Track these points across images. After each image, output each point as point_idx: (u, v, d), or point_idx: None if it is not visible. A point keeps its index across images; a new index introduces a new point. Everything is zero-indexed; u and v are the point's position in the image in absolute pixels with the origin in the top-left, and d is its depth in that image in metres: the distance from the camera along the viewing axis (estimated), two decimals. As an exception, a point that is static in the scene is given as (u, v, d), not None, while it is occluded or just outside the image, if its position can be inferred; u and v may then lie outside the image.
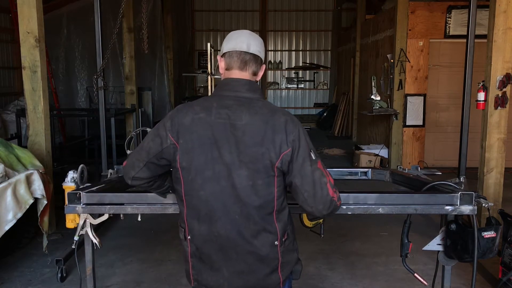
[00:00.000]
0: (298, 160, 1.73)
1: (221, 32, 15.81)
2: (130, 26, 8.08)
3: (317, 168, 1.75)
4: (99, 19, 3.87)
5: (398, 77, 7.84)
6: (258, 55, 1.87)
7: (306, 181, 1.73)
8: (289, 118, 1.79)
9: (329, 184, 1.76)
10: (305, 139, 1.77)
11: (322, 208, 1.75)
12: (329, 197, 1.74)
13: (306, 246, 4.71)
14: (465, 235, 2.56)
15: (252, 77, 1.87)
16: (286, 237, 1.85)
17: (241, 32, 1.91)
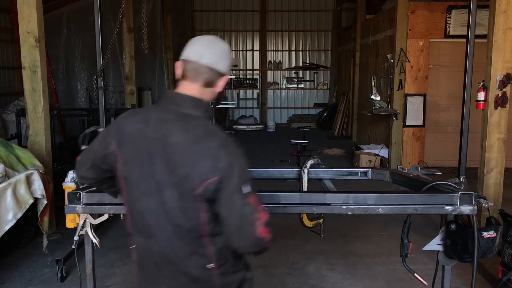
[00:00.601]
0: (227, 190, 1.60)
1: (221, 32, 15.80)
2: (130, 26, 8.08)
3: (248, 203, 1.60)
4: (99, 19, 3.86)
5: (398, 77, 7.84)
6: (211, 67, 1.71)
7: (233, 215, 1.60)
8: (225, 144, 1.64)
9: (262, 222, 1.61)
10: (239, 169, 1.62)
11: (248, 246, 1.63)
12: (256, 236, 1.60)
13: (306, 246, 4.72)
14: (465, 235, 2.56)
15: (204, 89, 1.73)
16: (224, 261, 1.73)
17: (202, 39, 1.78)
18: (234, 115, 15.81)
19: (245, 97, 16.10)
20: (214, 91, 1.78)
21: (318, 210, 2.63)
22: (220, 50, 1.76)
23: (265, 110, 15.88)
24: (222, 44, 1.78)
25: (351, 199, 2.47)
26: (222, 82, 1.78)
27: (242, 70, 16.07)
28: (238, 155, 1.66)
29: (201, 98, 1.73)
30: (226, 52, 1.78)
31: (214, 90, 1.78)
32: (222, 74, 1.76)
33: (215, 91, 1.78)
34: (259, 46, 15.88)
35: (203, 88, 1.73)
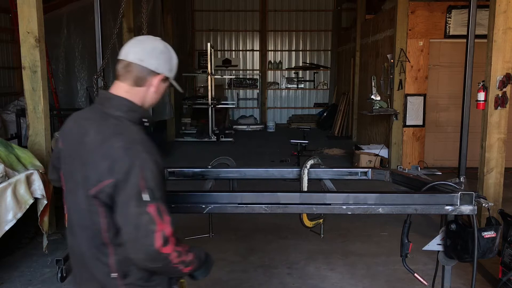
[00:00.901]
0: (123, 196, 1.50)
1: (221, 32, 15.81)
2: (130, 26, 8.08)
3: (146, 213, 1.49)
4: (99, 19, 3.87)
5: (398, 77, 7.84)
6: (137, 64, 1.65)
7: (127, 223, 1.50)
8: (129, 146, 1.54)
9: (161, 235, 1.49)
10: (140, 174, 1.50)
11: (144, 259, 1.51)
12: (154, 249, 1.49)
13: (306, 246, 4.72)
14: (465, 235, 2.56)
15: (134, 89, 1.67)
16: (127, 273, 1.62)
17: (136, 38, 1.75)
18: (234, 115, 15.80)
19: (245, 97, 16.10)
20: (148, 91, 1.70)
21: (318, 210, 2.63)
22: (150, 47, 1.70)
23: (265, 110, 15.88)
24: (155, 42, 1.72)
25: (351, 199, 2.47)
26: (157, 81, 1.70)
27: (242, 70, 16.07)
28: (143, 159, 1.54)
29: (126, 98, 1.67)
30: (158, 49, 1.70)
31: (148, 90, 1.70)
32: (153, 72, 1.68)
33: (149, 91, 1.71)
34: (259, 46, 15.88)
35: (133, 87, 1.68)
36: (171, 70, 1.75)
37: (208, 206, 2.46)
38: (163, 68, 1.71)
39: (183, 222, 5.21)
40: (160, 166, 1.60)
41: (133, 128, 1.62)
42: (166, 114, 10.83)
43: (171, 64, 1.75)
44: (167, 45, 1.76)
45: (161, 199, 1.54)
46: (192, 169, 3.37)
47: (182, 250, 1.59)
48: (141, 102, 1.71)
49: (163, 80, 1.73)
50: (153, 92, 1.72)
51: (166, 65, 1.72)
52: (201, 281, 1.87)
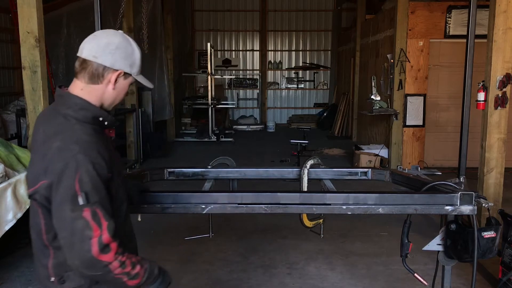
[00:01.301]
0: (57, 199, 1.46)
1: (221, 32, 15.81)
2: (130, 26, 8.08)
3: (81, 217, 1.43)
4: (99, 19, 3.86)
5: (398, 77, 7.84)
6: (90, 60, 1.59)
7: (63, 227, 1.45)
8: (65, 146, 1.48)
9: (97, 241, 1.43)
10: (74, 176, 1.44)
11: (80, 265, 1.45)
12: (90, 256, 1.43)
13: (306, 246, 4.72)
14: (465, 235, 2.56)
15: (89, 86, 1.61)
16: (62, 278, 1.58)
17: (94, 33, 1.70)
18: (234, 115, 15.80)
19: (245, 97, 16.10)
20: (105, 88, 1.63)
21: (318, 210, 2.63)
22: (104, 43, 1.61)
23: (265, 110, 15.88)
24: (110, 37, 1.63)
25: (351, 199, 2.47)
26: (114, 78, 1.62)
27: (242, 70, 16.07)
28: (79, 160, 1.46)
29: (80, 95, 1.60)
30: (113, 45, 1.61)
31: (106, 88, 1.63)
32: (109, 68, 1.61)
33: (107, 88, 1.63)
34: (259, 46, 15.88)
35: (88, 84, 1.61)
36: (132, 65, 1.66)
37: (208, 206, 2.46)
38: (120, 64, 1.62)
39: (183, 222, 5.22)
40: (100, 167, 1.51)
41: (77, 127, 1.54)
42: (166, 114, 10.83)
43: (131, 59, 1.65)
44: (127, 39, 1.66)
45: (98, 203, 1.47)
46: (192, 169, 3.37)
47: (127, 260, 1.51)
48: (98, 101, 1.63)
49: (123, 76, 1.65)
50: (111, 89, 1.64)
51: (124, 60, 1.63)
52: (201, 281, 1.86)
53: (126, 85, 1.71)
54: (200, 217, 2.83)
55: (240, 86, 15.98)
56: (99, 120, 1.62)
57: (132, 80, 1.71)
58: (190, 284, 3.94)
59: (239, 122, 14.95)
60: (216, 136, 11.59)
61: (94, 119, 1.60)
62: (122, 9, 4.15)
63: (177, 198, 2.47)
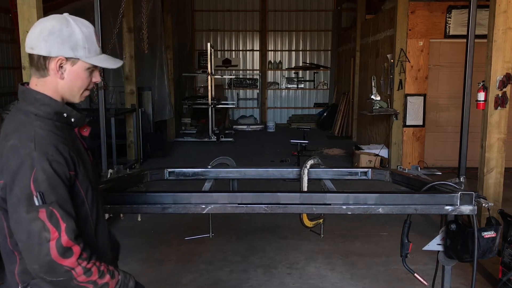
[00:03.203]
0: (12, 199, 1.37)
1: (221, 32, 15.81)
2: (130, 26, 8.08)
3: (37, 218, 1.34)
4: (99, 19, 3.87)
5: (398, 77, 7.84)
6: (29, 52, 1.49)
7: (19, 229, 1.37)
8: (20, 144, 1.39)
9: (56, 244, 1.34)
10: (30, 175, 1.35)
11: (39, 270, 1.36)
12: (50, 259, 1.34)
13: (306, 246, 4.72)
14: (465, 235, 2.56)
15: (41, 80, 1.51)
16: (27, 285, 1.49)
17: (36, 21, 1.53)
18: (234, 115, 15.80)
19: (245, 97, 16.10)
20: (55, 80, 1.51)
21: (318, 210, 2.63)
22: (37, 31, 1.48)
23: (265, 110, 15.88)
24: (43, 23, 1.49)
25: (351, 199, 2.47)
26: (55, 66, 1.48)
27: (242, 70, 16.07)
28: (34, 158, 1.37)
29: (39, 91, 1.50)
30: (45, 31, 1.47)
31: (56, 79, 1.51)
32: (47, 57, 1.47)
33: (57, 80, 1.51)
34: (259, 46, 15.88)
35: (39, 78, 1.51)
36: (75, 48, 1.49)
37: (208, 206, 2.46)
38: (58, 49, 1.47)
39: (183, 222, 5.22)
40: (58, 165, 1.40)
41: (36, 124, 1.45)
42: (166, 114, 10.83)
43: (71, 42, 1.48)
44: (64, 20, 1.51)
45: (55, 203, 1.37)
46: (192, 169, 3.37)
47: (93, 268, 1.42)
48: (56, 94, 1.52)
49: (69, 62, 1.50)
50: (61, 79, 1.51)
51: (61, 45, 1.47)
52: (201, 281, 1.86)
53: (79, 71, 1.53)
54: (200, 217, 2.83)
55: (240, 86, 15.98)
56: (63, 116, 1.52)
57: (85, 64, 1.53)
58: (190, 284, 3.94)
59: (239, 122, 14.95)
60: (216, 136, 11.59)
61: (56, 114, 1.50)
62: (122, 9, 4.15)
63: (177, 198, 2.47)
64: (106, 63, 1.60)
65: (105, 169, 3.67)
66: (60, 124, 1.51)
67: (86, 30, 1.53)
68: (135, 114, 8.11)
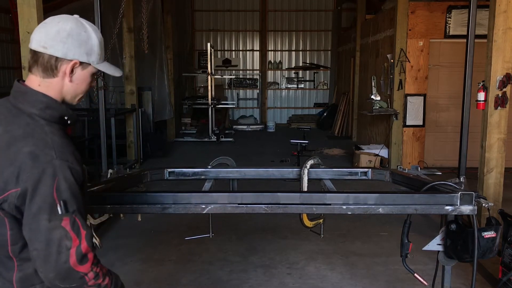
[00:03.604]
0: (32, 208, 1.34)
1: (221, 32, 15.80)
2: (130, 26, 8.08)
3: (60, 227, 1.34)
4: (99, 19, 3.87)
5: (398, 77, 7.84)
6: (40, 51, 1.43)
7: (37, 238, 1.35)
8: (39, 151, 1.35)
9: (75, 251, 1.36)
10: (51, 184, 1.33)
11: (55, 278, 1.36)
12: (68, 267, 1.35)
13: (306, 246, 4.72)
14: (465, 235, 2.56)
15: (46, 81, 1.46)
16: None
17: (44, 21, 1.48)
18: (234, 115, 15.80)
19: (245, 97, 16.10)
20: (63, 82, 1.48)
21: (318, 210, 2.63)
22: (54, 31, 1.43)
23: (265, 110, 15.88)
24: (60, 24, 1.45)
25: (351, 199, 2.47)
26: (69, 69, 1.46)
27: (242, 70, 16.07)
28: (56, 166, 1.35)
29: (43, 92, 1.46)
30: (64, 32, 1.44)
31: (63, 81, 1.48)
32: (62, 59, 1.45)
33: (64, 82, 1.48)
34: (259, 46, 15.88)
35: (44, 79, 1.46)
36: (89, 53, 1.49)
37: (208, 206, 2.46)
38: (74, 52, 1.45)
39: (183, 222, 5.22)
40: (78, 173, 1.41)
41: (47, 129, 1.41)
42: (166, 114, 10.83)
43: (87, 47, 1.48)
44: (81, 24, 1.49)
45: (77, 211, 1.38)
46: (192, 169, 3.37)
47: (100, 272, 1.45)
48: (59, 96, 1.49)
49: (80, 67, 1.49)
50: (69, 82, 1.49)
51: (78, 49, 1.46)
52: (201, 281, 1.87)
53: (87, 76, 1.53)
54: (200, 217, 2.83)
55: (240, 86, 15.98)
56: (65, 119, 1.50)
57: (93, 69, 1.53)
58: (190, 284, 3.94)
59: (239, 122, 14.95)
60: (216, 136, 11.59)
61: (59, 119, 1.48)
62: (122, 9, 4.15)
63: (177, 198, 2.47)
64: (110, 70, 1.61)
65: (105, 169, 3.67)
66: (63, 127, 1.49)
67: (99, 35, 1.53)
68: (135, 114, 8.12)
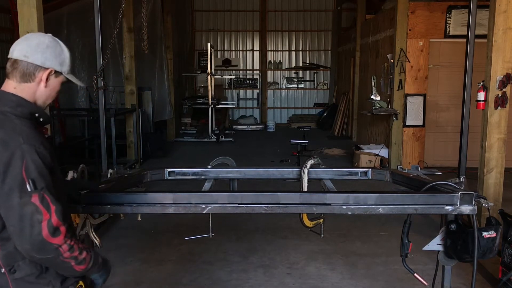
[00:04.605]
0: (4, 188, 1.52)
1: (221, 32, 15.81)
2: (130, 26, 8.08)
3: (30, 203, 1.51)
4: (99, 19, 3.86)
5: (398, 77, 7.84)
6: (22, 60, 1.67)
7: (12, 214, 1.52)
8: (8, 138, 1.56)
9: (47, 224, 1.52)
10: (21, 166, 1.52)
11: (31, 249, 1.53)
12: (41, 239, 1.52)
13: (306, 246, 4.72)
14: (465, 235, 2.56)
15: (22, 85, 1.69)
16: (13, 268, 1.62)
17: (24, 36, 1.76)
18: (234, 115, 15.80)
19: (245, 97, 16.10)
20: (38, 87, 1.71)
21: (318, 210, 2.63)
22: (35, 43, 1.70)
23: (265, 110, 15.88)
24: (40, 37, 1.72)
25: (351, 199, 2.47)
26: (45, 76, 1.70)
27: (242, 70, 16.07)
28: (24, 150, 1.55)
29: (13, 93, 1.67)
30: (43, 44, 1.71)
31: (38, 86, 1.71)
32: (40, 67, 1.69)
33: (39, 87, 1.71)
34: (259, 46, 15.88)
35: (20, 83, 1.69)
36: (62, 64, 1.75)
37: (208, 206, 2.46)
38: (51, 62, 1.71)
39: (183, 222, 5.22)
40: (45, 157, 1.60)
41: (17, 122, 1.61)
42: (166, 114, 10.83)
43: (61, 58, 1.74)
44: (56, 40, 1.77)
45: (46, 189, 1.55)
46: (192, 169, 3.37)
47: (75, 245, 1.60)
48: (32, 98, 1.71)
49: (54, 75, 1.73)
50: (43, 87, 1.72)
51: (54, 59, 1.72)
52: (201, 281, 1.87)
53: (58, 84, 1.77)
54: (200, 217, 2.83)
55: (240, 86, 15.98)
56: (36, 116, 1.70)
57: (63, 79, 1.78)
58: (190, 284, 3.94)
59: (239, 122, 14.95)
60: (216, 136, 11.59)
61: (31, 115, 1.68)
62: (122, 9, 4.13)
63: (177, 198, 2.47)
64: (77, 81, 1.86)
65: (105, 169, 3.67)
66: (34, 123, 1.69)
67: (68, 52, 1.79)
68: (135, 114, 8.12)
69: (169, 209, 2.44)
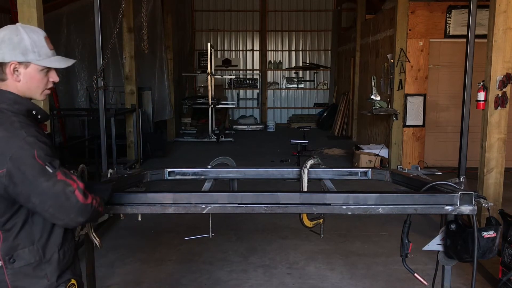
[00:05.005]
0: (27, 180, 1.56)
1: (221, 32, 15.81)
2: (130, 26, 8.08)
3: (58, 181, 1.60)
4: (99, 19, 3.86)
5: (398, 77, 7.84)
6: None
7: (47, 198, 1.59)
8: (11, 134, 1.58)
9: (78, 191, 1.64)
10: (33, 155, 1.57)
11: (76, 216, 1.65)
12: (80, 204, 1.63)
13: (306, 246, 4.72)
14: (465, 235, 2.56)
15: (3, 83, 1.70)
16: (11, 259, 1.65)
17: None
18: (234, 115, 15.80)
19: (245, 97, 16.10)
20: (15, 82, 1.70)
21: (318, 210, 2.63)
22: None
23: (265, 110, 15.88)
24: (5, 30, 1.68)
25: (351, 199, 2.47)
26: (10, 71, 1.68)
27: (242, 70, 16.07)
28: (30, 142, 1.58)
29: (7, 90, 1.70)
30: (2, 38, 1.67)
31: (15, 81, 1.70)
32: (2, 63, 1.67)
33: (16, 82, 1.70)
34: (259, 46, 15.88)
35: (2, 82, 1.70)
36: (25, 53, 1.68)
37: (208, 206, 2.46)
38: (10, 55, 1.66)
39: (183, 222, 5.22)
40: (48, 143, 1.66)
41: (14, 118, 1.64)
42: (166, 114, 10.83)
43: (21, 48, 1.67)
44: (15, 30, 1.69)
45: (61, 166, 1.65)
46: (192, 169, 3.37)
47: (95, 197, 1.73)
48: (22, 95, 1.72)
49: (23, 66, 1.69)
50: (18, 81, 1.70)
51: (13, 51, 1.66)
52: (201, 281, 1.87)
53: (34, 73, 1.72)
54: (200, 217, 2.83)
55: (240, 86, 15.98)
56: (33, 113, 1.73)
57: (38, 66, 1.72)
58: (190, 284, 3.94)
59: (239, 122, 14.95)
60: (216, 136, 11.59)
61: (28, 112, 1.71)
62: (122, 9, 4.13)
63: (177, 198, 2.47)
64: (56, 63, 1.77)
65: (105, 169, 3.67)
66: (30, 119, 1.70)
67: (35, 36, 1.71)
68: (135, 114, 8.11)
69: (169, 209, 2.43)
